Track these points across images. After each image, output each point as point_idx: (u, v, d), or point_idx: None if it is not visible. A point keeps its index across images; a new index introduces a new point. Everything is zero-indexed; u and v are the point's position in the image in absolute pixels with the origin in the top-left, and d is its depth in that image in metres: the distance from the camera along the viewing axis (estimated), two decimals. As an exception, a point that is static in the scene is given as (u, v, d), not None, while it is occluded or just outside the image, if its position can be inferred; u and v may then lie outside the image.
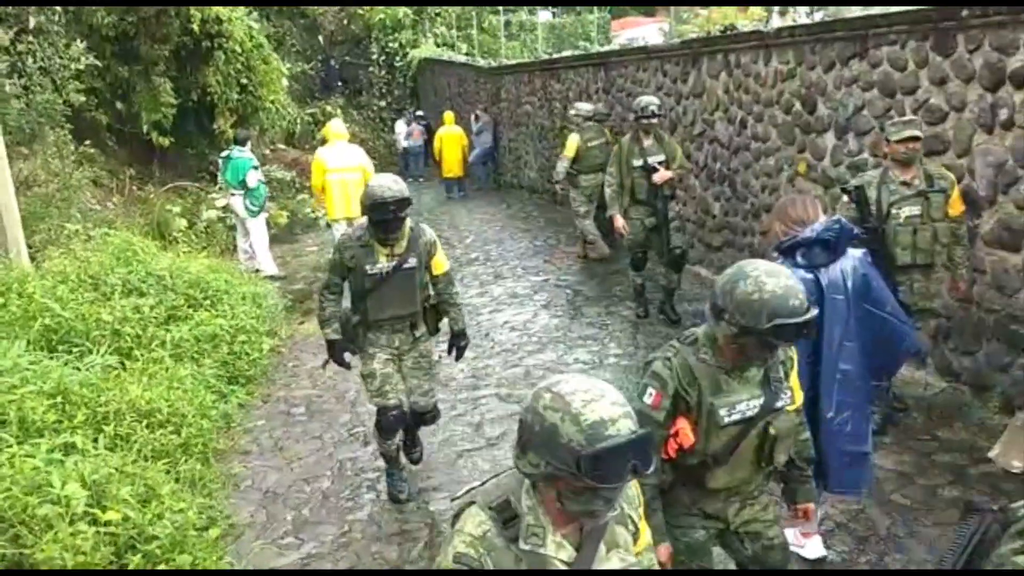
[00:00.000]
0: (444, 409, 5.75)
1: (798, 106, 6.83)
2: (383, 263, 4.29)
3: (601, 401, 1.71)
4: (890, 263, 4.68)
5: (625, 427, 1.69)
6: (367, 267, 4.27)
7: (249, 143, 10.00)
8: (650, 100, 7.09)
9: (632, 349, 6.81)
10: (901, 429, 5.07)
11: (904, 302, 4.69)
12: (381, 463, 5.11)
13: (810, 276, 3.32)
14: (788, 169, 7.04)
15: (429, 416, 4.75)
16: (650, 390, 2.58)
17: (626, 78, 10.33)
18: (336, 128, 9.58)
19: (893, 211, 4.68)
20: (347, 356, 4.65)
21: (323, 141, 10.09)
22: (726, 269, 2.60)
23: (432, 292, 4.55)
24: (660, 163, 6.87)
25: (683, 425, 2.57)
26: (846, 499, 4.33)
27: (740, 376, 2.58)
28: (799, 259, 3.39)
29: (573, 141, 9.07)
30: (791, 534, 3.76)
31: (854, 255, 3.45)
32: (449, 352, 4.77)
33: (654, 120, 6.95)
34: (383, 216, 4.13)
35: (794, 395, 2.75)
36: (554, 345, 6.97)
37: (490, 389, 6.11)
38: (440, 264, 4.50)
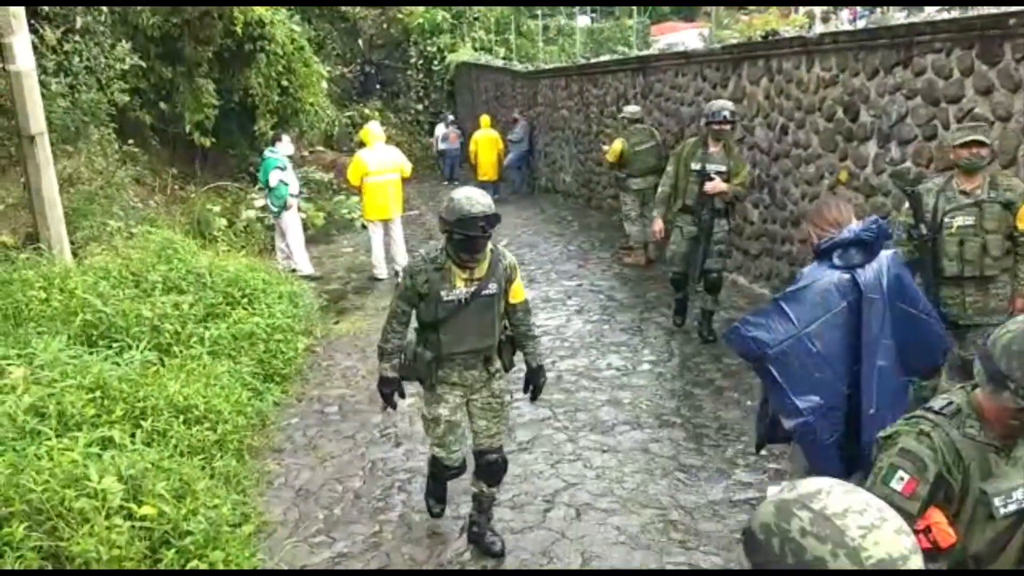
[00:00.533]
0: (476, 412, 5.78)
1: (840, 113, 6.74)
2: (461, 289, 3.78)
3: (883, 528, 1.22)
4: (938, 274, 4.60)
5: (916, 565, 1.22)
6: (442, 293, 3.76)
7: (281, 143, 10.12)
8: (723, 105, 6.67)
9: (666, 356, 6.75)
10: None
11: (951, 315, 4.63)
12: (412, 464, 5.14)
13: (847, 276, 3.44)
14: (829, 177, 6.95)
15: (495, 463, 4.13)
16: (901, 473, 2.05)
17: (665, 83, 10.27)
18: (375, 130, 9.76)
19: (946, 220, 4.55)
20: (397, 397, 4.18)
21: (360, 143, 10.21)
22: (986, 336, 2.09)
23: (508, 323, 4.05)
24: (719, 174, 6.50)
25: (938, 519, 2.03)
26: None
27: (1008, 456, 2.05)
28: (836, 260, 3.49)
29: (616, 146, 9.27)
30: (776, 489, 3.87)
31: (885, 255, 3.54)
32: (525, 390, 4.28)
33: (726, 126, 6.59)
34: (470, 233, 3.64)
35: None
36: (587, 350, 6.94)
37: (521, 393, 6.08)
38: (519, 291, 4.00)
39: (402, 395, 4.17)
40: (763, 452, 4.88)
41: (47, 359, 4.90)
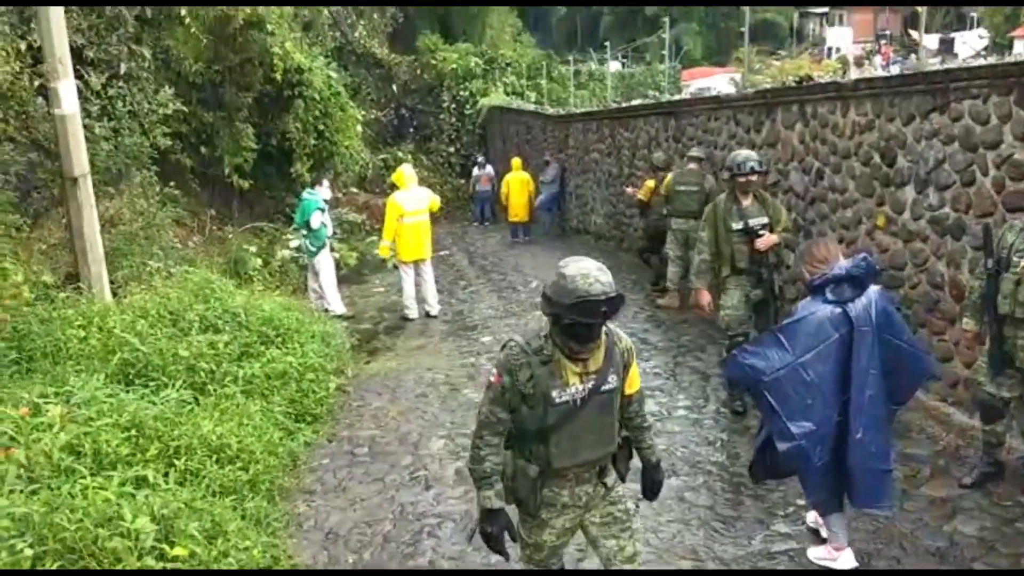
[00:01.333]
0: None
1: (877, 158, 6.70)
2: (576, 386, 3.01)
3: None
4: (995, 310, 4.60)
5: None
6: (553, 393, 2.98)
7: (321, 187, 10.28)
8: (748, 155, 6.16)
9: (702, 402, 6.66)
10: (984, 494, 4.84)
11: (1010, 353, 4.61)
12: (442, 508, 5.09)
13: (839, 311, 3.81)
14: (867, 221, 6.88)
15: None
16: None
17: (697, 127, 10.30)
18: (409, 172, 9.91)
19: (1015, 258, 4.52)
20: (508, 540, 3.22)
21: (392, 186, 10.34)
22: None
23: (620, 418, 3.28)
24: (763, 227, 6.08)
25: None
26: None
27: None
28: (829, 295, 3.86)
29: (666, 179, 9.54)
30: (823, 551, 4.28)
31: (873, 290, 3.90)
32: (644, 493, 3.51)
33: (753, 178, 6.11)
34: (588, 319, 2.88)
35: None
36: (620, 395, 6.86)
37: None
38: (636, 379, 3.26)
39: (513, 538, 3.24)
40: (800, 501, 4.78)
41: (84, 397, 4.95)
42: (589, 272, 2.91)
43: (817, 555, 4.27)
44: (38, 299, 6.66)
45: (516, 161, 16.58)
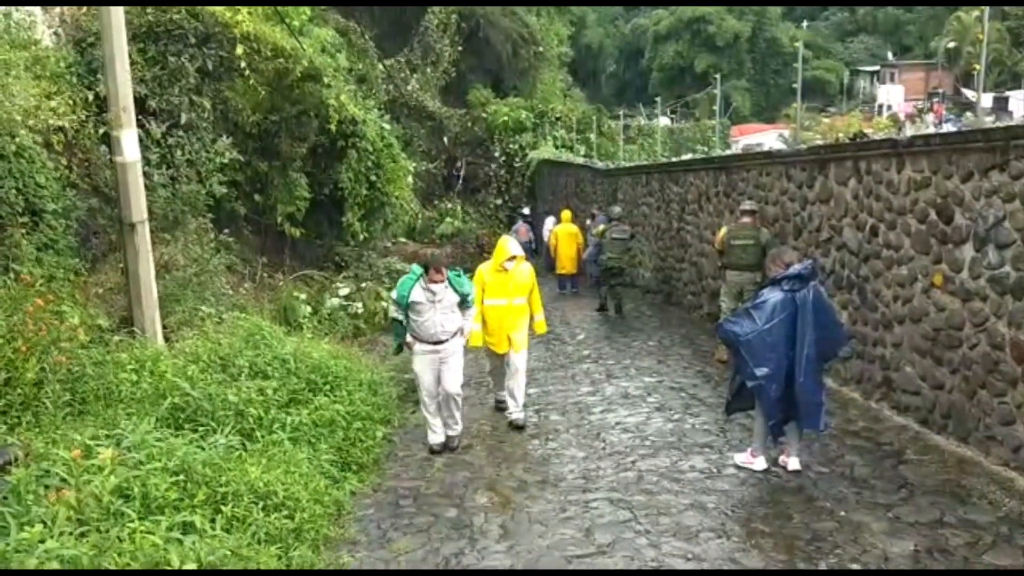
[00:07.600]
0: (553, 511, 5.63)
1: (933, 215, 6.58)
2: None
3: None
4: None
5: None
6: None
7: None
8: None
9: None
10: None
11: None
12: (488, 563, 5.01)
13: (789, 296, 5.77)
14: (923, 279, 6.73)
15: None
16: None
17: (748, 182, 10.26)
18: (509, 246, 7.76)
19: None
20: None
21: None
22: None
23: None
24: None
25: None
26: None
27: None
28: (784, 286, 5.81)
29: (720, 233, 9.60)
30: (745, 455, 6.25)
31: (814, 284, 5.82)
32: None
33: None
34: None
35: None
36: (668, 450, 6.73)
37: (601, 493, 5.92)
38: None
39: None
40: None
41: (135, 441, 4.98)
42: None
43: (740, 459, 6.24)
44: (93, 342, 6.76)
45: (566, 213, 16.64)
